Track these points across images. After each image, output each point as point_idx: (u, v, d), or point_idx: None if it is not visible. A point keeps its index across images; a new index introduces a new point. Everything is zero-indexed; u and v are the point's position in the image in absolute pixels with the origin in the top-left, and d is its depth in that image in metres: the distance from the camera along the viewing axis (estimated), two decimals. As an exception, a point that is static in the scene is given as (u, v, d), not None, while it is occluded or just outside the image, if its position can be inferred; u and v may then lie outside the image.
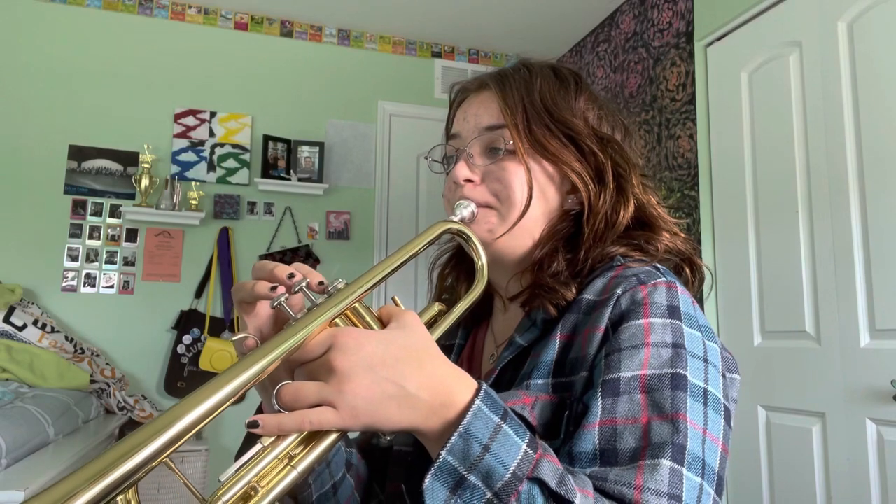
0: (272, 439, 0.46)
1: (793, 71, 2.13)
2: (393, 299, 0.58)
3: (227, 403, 0.43)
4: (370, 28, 3.49)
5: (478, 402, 0.48)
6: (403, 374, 0.48)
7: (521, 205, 0.68)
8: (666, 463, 0.50)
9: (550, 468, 0.47)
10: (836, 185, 1.95)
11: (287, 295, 0.52)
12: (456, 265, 0.81)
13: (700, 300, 2.42)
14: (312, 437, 0.48)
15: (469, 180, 0.71)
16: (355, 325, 0.54)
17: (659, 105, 2.79)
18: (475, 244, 0.66)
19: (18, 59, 2.95)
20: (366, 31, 3.52)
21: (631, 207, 0.68)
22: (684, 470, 0.50)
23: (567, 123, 0.70)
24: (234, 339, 0.53)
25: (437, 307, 0.64)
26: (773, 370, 2.14)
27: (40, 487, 1.47)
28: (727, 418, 0.57)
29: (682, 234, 0.72)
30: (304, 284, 0.53)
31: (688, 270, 0.71)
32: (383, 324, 0.54)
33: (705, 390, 0.55)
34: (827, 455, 1.92)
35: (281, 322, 0.57)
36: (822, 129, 2.01)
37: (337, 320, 0.53)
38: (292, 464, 0.46)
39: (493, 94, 0.72)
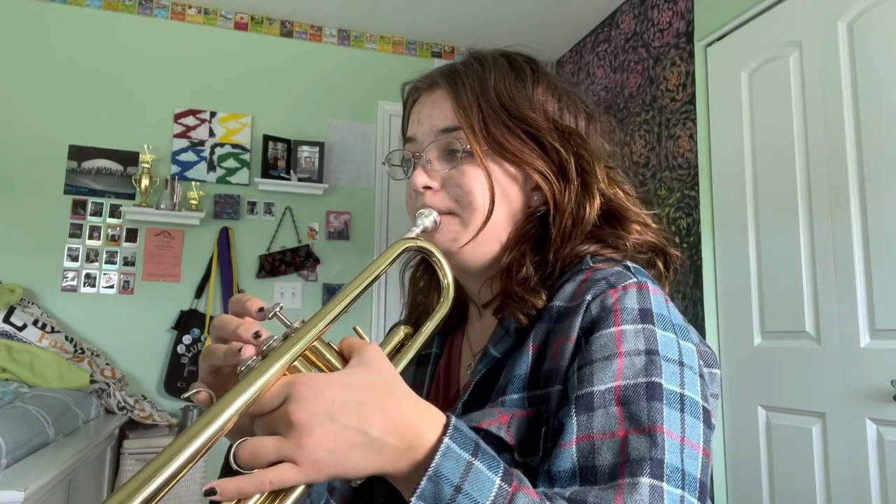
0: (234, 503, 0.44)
1: (793, 71, 2.13)
2: (355, 329, 0.55)
3: (187, 469, 0.41)
4: (370, 28, 3.49)
5: (446, 440, 0.46)
6: (366, 419, 0.45)
7: (483, 210, 0.66)
8: (645, 481, 0.49)
9: (526, 501, 0.45)
10: (836, 185, 1.95)
11: (258, 358, 0.48)
12: (427, 268, 0.78)
13: (697, 298, 2.41)
14: (278, 493, 0.45)
15: (428, 187, 0.68)
16: (315, 364, 0.51)
17: (659, 105, 2.79)
18: (438, 260, 0.64)
19: (18, 59, 2.95)
20: (366, 31, 3.52)
21: (597, 203, 0.66)
22: (664, 484, 0.49)
23: (526, 120, 0.67)
24: (184, 396, 0.50)
25: (402, 331, 0.62)
26: (773, 370, 2.14)
27: (40, 487, 1.47)
28: (706, 421, 0.55)
29: (654, 225, 0.69)
30: (272, 343, 0.49)
31: (660, 263, 0.69)
32: (345, 359, 0.51)
33: (682, 395, 0.54)
34: (827, 455, 1.92)
35: (235, 368, 0.53)
36: (822, 129, 2.01)
37: (295, 362, 0.50)
38: None
39: (446, 93, 0.69)
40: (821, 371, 1.96)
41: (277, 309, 0.51)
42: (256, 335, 0.50)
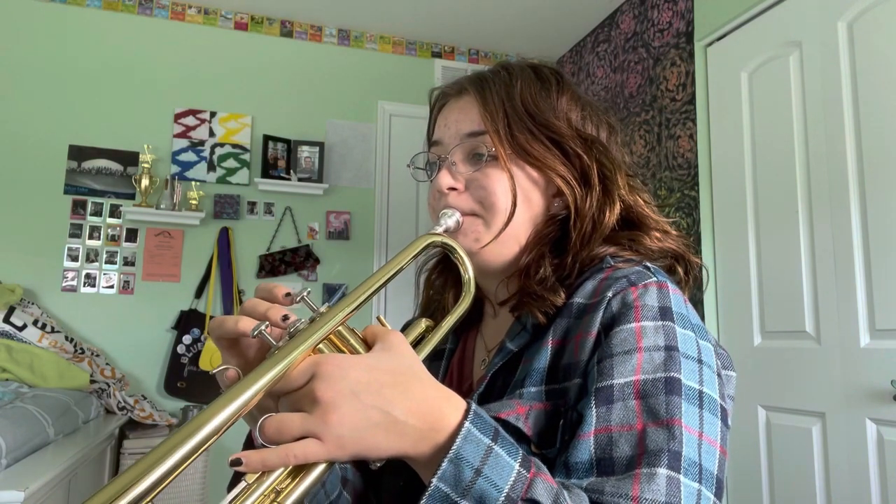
0: (257, 475, 0.45)
1: (793, 71, 2.13)
2: (378, 319, 0.56)
3: (211, 441, 0.42)
4: (370, 28, 3.49)
5: (467, 424, 0.47)
6: (390, 400, 0.46)
7: (505, 212, 0.68)
8: (662, 472, 0.49)
9: (545, 487, 0.46)
10: (836, 185, 1.95)
11: (268, 324, 0.50)
12: (443, 270, 0.80)
13: (698, 299, 2.42)
14: (300, 469, 0.46)
15: (453, 188, 0.70)
16: (339, 349, 0.52)
17: (659, 105, 2.79)
18: (461, 256, 0.65)
19: (18, 59, 2.95)
20: (366, 31, 3.52)
21: (617, 209, 0.68)
22: (681, 476, 0.49)
23: (550, 126, 0.69)
24: (213, 371, 0.52)
25: (424, 324, 0.63)
26: (773, 370, 2.14)
27: (40, 487, 1.47)
28: (724, 419, 0.56)
29: (675, 232, 0.71)
30: (299, 325, 0.51)
31: (680, 269, 0.70)
32: (368, 345, 0.53)
33: (700, 392, 0.55)
34: (827, 455, 1.92)
35: (263, 350, 0.55)
36: (822, 129, 2.01)
37: (320, 345, 0.51)
38: (279, 500, 0.45)
39: (473, 98, 0.71)
40: (821, 371, 1.96)
41: (305, 294, 0.53)
42: (284, 318, 0.51)
